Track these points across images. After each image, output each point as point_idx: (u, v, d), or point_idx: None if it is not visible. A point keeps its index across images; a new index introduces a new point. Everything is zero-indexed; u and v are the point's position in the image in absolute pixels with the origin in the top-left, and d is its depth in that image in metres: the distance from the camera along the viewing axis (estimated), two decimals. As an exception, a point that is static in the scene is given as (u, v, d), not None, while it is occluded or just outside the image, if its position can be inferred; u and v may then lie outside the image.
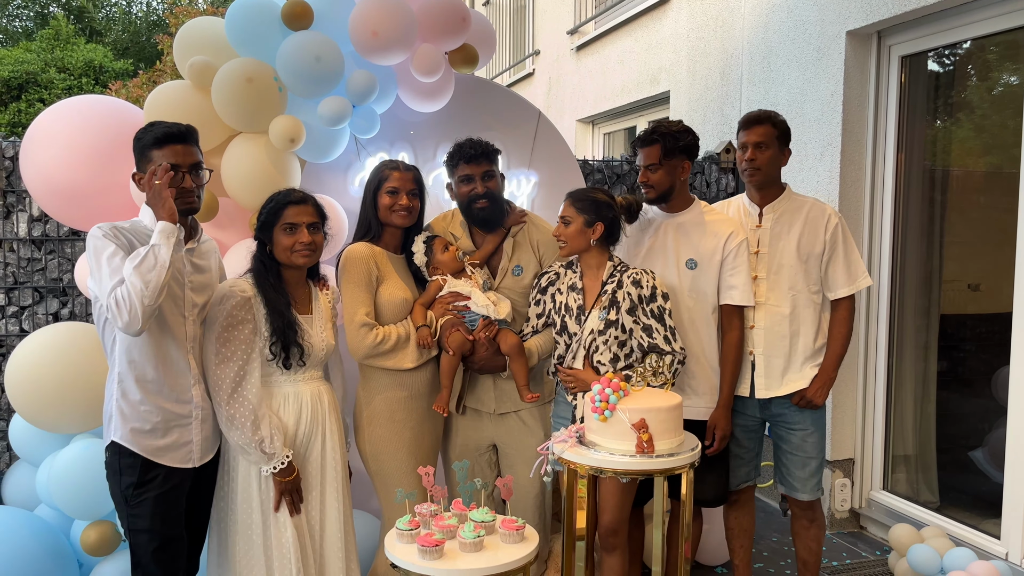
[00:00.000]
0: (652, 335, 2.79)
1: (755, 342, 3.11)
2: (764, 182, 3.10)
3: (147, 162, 2.46)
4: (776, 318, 3.09)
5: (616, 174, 5.22)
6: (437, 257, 2.95)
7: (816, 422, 3.14)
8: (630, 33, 7.03)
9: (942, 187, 4.32)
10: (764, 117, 3.07)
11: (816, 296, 3.11)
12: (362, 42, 3.15)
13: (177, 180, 2.45)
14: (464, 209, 3.02)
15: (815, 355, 3.11)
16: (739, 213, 3.21)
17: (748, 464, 3.25)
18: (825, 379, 3.08)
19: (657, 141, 2.98)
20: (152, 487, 2.47)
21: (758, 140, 3.05)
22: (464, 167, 2.95)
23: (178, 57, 3.29)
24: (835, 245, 3.07)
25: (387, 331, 2.85)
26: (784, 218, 3.11)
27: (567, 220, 2.84)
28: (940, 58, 4.26)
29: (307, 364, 2.67)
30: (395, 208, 2.89)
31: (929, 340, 4.35)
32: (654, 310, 2.81)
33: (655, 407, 2.44)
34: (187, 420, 2.53)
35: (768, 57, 4.97)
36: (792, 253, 3.07)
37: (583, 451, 2.47)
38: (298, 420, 2.66)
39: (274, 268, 2.66)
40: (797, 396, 3.09)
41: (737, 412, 3.19)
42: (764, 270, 3.10)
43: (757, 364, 3.11)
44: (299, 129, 3.10)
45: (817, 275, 3.09)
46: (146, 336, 2.45)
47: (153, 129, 2.47)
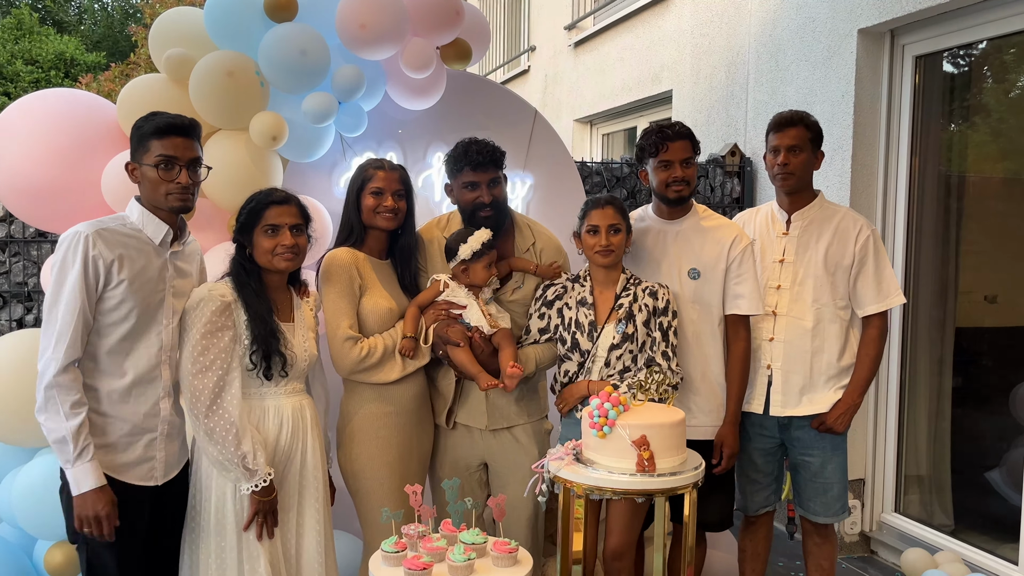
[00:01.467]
0: (653, 348, 2.79)
1: (774, 355, 3.11)
2: (797, 187, 3.10)
3: (144, 151, 2.46)
4: (798, 331, 3.08)
5: (616, 177, 5.22)
6: (475, 267, 2.88)
7: (837, 447, 3.12)
8: (631, 29, 7.05)
9: (958, 193, 4.34)
10: (797, 118, 3.07)
11: (844, 312, 3.09)
12: (349, 35, 3.15)
13: (173, 174, 2.46)
14: (467, 216, 3.00)
15: (839, 375, 3.10)
16: (767, 220, 3.21)
17: (767, 488, 3.24)
18: (848, 404, 3.06)
19: (689, 135, 2.99)
20: None
21: (792, 143, 3.04)
22: (469, 173, 2.93)
23: (154, 49, 3.28)
24: (865, 258, 3.06)
25: (373, 343, 2.83)
26: (813, 227, 3.11)
27: (617, 227, 2.83)
28: (956, 58, 4.28)
29: (289, 375, 2.65)
30: (379, 210, 2.87)
31: (944, 355, 4.36)
32: (663, 323, 2.81)
33: (657, 423, 2.43)
34: (153, 435, 2.51)
35: (776, 55, 4.99)
36: (819, 264, 3.07)
37: (580, 469, 2.46)
38: (278, 435, 2.64)
39: (254, 272, 2.64)
40: (817, 420, 3.08)
41: (755, 434, 3.19)
42: (788, 280, 3.10)
43: (774, 379, 3.11)
44: (282, 126, 3.09)
45: (845, 289, 3.08)
46: (117, 344, 2.44)
47: (155, 118, 2.48)
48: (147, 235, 2.50)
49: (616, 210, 2.85)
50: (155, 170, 2.45)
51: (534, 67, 9.54)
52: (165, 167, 2.45)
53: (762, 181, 5.19)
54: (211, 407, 2.51)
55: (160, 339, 2.50)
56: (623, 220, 2.86)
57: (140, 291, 2.45)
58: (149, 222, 2.50)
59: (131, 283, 2.42)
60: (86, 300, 2.36)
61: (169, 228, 2.52)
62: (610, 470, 2.43)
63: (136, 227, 2.49)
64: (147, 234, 2.50)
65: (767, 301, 3.14)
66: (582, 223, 2.88)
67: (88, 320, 2.38)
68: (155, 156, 2.45)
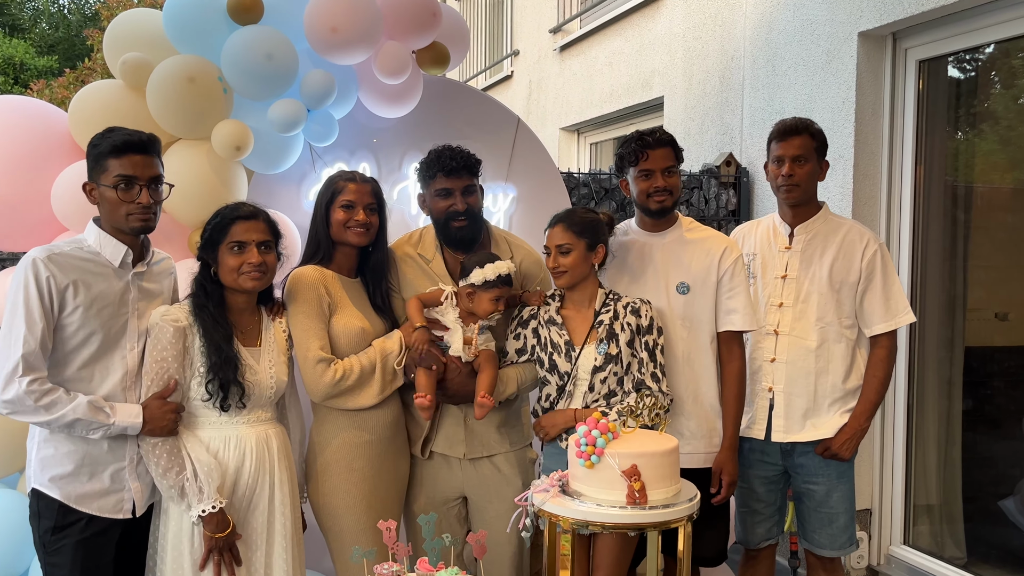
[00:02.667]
0: (641, 370, 2.79)
1: (775, 377, 3.11)
2: (802, 199, 3.12)
3: (102, 172, 2.49)
4: (800, 352, 3.09)
5: (604, 188, 5.24)
6: (481, 296, 2.82)
7: (843, 474, 3.12)
8: (619, 32, 7.09)
9: (965, 205, 4.38)
10: (801, 126, 3.09)
11: (850, 331, 3.10)
12: (319, 38, 3.15)
13: (133, 194, 2.48)
14: (440, 227, 3.00)
15: (845, 398, 3.10)
16: (768, 233, 3.23)
17: (769, 520, 3.24)
18: (855, 429, 3.06)
19: (670, 142, 3.00)
20: (71, 532, 2.47)
21: (796, 153, 3.06)
22: (442, 180, 2.93)
23: (109, 54, 3.27)
24: (872, 274, 3.07)
25: (348, 365, 2.80)
26: (817, 240, 3.12)
27: (566, 248, 2.82)
28: (961, 63, 4.33)
29: (250, 405, 2.64)
30: (350, 225, 2.85)
31: (953, 376, 4.38)
32: (648, 343, 2.81)
33: (648, 451, 2.42)
34: (120, 464, 2.54)
35: (773, 60, 5.03)
36: (823, 280, 3.08)
37: (567, 502, 2.45)
38: (239, 468, 2.62)
39: (217, 293, 2.64)
40: (821, 447, 3.08)
41: (756, 461, 3.18)
42: (791, 297, 3.11)
43: (776, 402, 3.11)
44: (246, 136, 3.09)
45: (851, 307, 3.09)
46: (77, 372, 2.48)
47: (112, 136, 2.50)
48: (105, 258, 2.52)
49: (566, 228, 2.83)
50: (114, 191, 2.47)
51: (517, 72, 9.57)
52: (125, 187, 2.47)
53: (759, 192, 5.22)
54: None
55: (125, 364, 2.54)
56: (576, 239, 2.82)
57: (99, 316, 2.49)
58: (107, 244, 2.53)
59: (87, 308, 2.46)
60: (44, 326, 2.40)
61: (128, 249, 2.55)
62: (599, 502, 2.41)
63: (93, 250, 2.52)
64: (105, 256, 2.53)
65: (768, 319, 3.14)
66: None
67: (47, 344, 2.42)
68: (113, 176, 2.47)
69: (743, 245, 3.27)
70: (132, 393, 2.56)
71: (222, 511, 2.54)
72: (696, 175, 5.35)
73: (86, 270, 2.48)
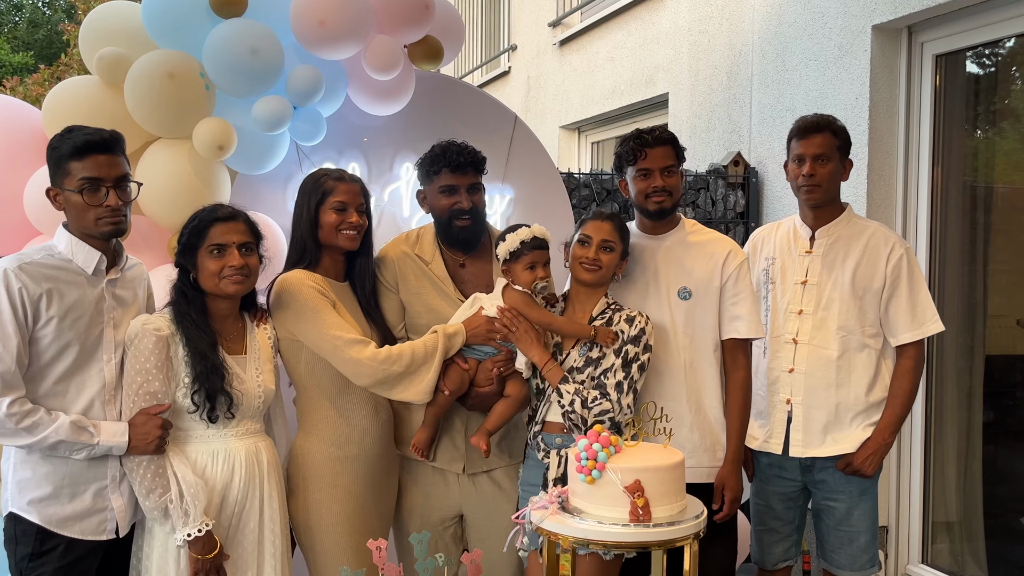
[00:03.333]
0: (605, 375, 2.77)
1: (794, 389, 3.10)
2: (824, 200, 3.11)
3: (64, 175, 2.47)
4: (821, 362, 3.07)
5: (606, 190, 5.23)
6: (515, 268, 2.84)
7: (865, 491, 3.11)
8: (622, 26, 7.10)
9: (985, 206, 4.37)
10: (824, 123, 3.08)
11: (874, 340, 3.09)
12: (307, 32, 3.15)
13: (99, 197, 2.46)
14: (442, 226, 2.99)
15: (868, 411, 3.08)
16: (788, 236, 3.21)
17: (787, 539, 3.22)
18: (879, 444, 3.05)
19: (671, 141, 2.99)
20: (51, 559, 2.46)
21: (818, 152, 3.05)
22: (448, 175, 2.92)
23: (85, 48, 3.28)
24: (897, 280, 3.05)
25: (400, 349, 2.73)
26: (839, 244, 3.11)
27: (611, 246, 2.82)
28: (980, 57, 4.33)
29: (238, 415, 2.64)
30: (343, 227, 2.83)
31: (973, 386, 4.37)
32: (628, 352, 2.78)
33: (652, 466, 2.41)
34: (102, 482, 2.53)
35: (782, 55, 5.03)
36: (845, 286, 3.07)
37: (567, 519, 2.43)
38: (229, 483, 2.61)
39: (198, 299, 2.64)
40: (843, 462, 3.07)
41: (773, 476, 3.17)
42: (811, 304, 3.10)
43: (794, 415, 3.10)
44: (229, 134, 3.08)
45: (875, 315, 3.08)
46: (53, 387, 2.47)
47: (71, 136, 2.48)
48: (78, 265, 2.51)
49: (615, 227, 2.85)
50: (79, 195, 2.46)
51: (515, 68, 9.58)
52: (90, 190, 2.46)
53: (769, 194, 5.21)
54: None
55: (102, 377, 2.53)
56: (620, 241, 2.85)
57: (74, 327, 2.48)
58: (79, 250, 2.51)
59: (62, 319, 2.45)
60: (19, 341, 2.39)
61: (102, 255, 2.53)
62: (600, 520, 2.40)
63: (65, 257, 2.51)
64: (78, 264, 2.52)
65: (787, 327, 3.13)
66: (576, 232, 2.88)
67: (23, 359, 2.41)
68: (77, 180, 2.45)
69: (762, 248, 3.26)
70: (111, 408, 2.54)
71: (209, 533, 2.53)
72: (702, 175, 5.34)
73: (58, 279, 2.46)
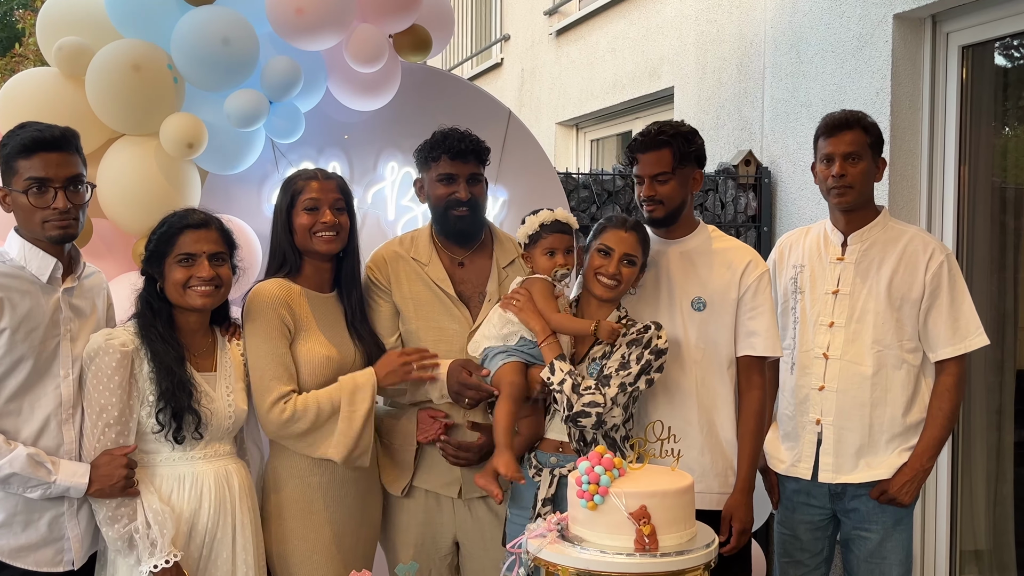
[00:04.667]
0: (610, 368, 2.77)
1: (824, 408, 3.10)
2: (857, 203, 3.11)
3: (13, 174, 2.48)
4: (854, 379, 3.07)
5: (607, 191, 5.25)
6: (533, 253, 2.87)
7: (900, 521, 3.10)
8: (624, 14, 7.13)
9: (1016, 208, 4.40)
10: (853, 120, 3.08)
11: (912, 355, 3.08)
12: (283, 21, 3.16)
13: (47, 199, 2.46)
14: (439, 216, 3.01)
15: (906, 434, 3.07)
16: (818, 242, 3.21)
17: (815, 572, 3.23)
18: (916, 470, 3.04)
19: (667, 144, 2.96)
20: None
21: (848, 150, 3.05)
22: (446, 163, 2.94)
23: (43, 38, 3.28)
24: (937, 290, 3.04)
25: (303, 404, 2.76)
26: (874, 251, 3.11)
27: (633, 260, 2.83)
28: (1009, 49, 4.36)
29: (207, 436, 2.64)
30: (316, 229, 2.83)
31: (1004, 403, 4.39)
32: (642, 357, 2.78)
33: (660, 491, 2.42)
34: (58, 510, 2.53)
35: (797, 45, 5.06)
36: (881, 297, 3.06)
37: (566, 548, 2.44)
38: (197, 510, 2.62)
39: (164, 311, 2.65)
40: (877, 489, 3.06)
41: (800, 504, 3.18)
42: (843, 316, 3.10)
43: (825, 437, 3.10)
44: (199, 131, 3.09)
45: (914, 328, 3.07)
46: (3, 405, 2.46)
47: (20, 134, 2.49)
48: (31, 272, 2.51)
49: (639, 240, 2.85)
50: (25, 196, 2.46)
51: (508, 60, 9.61)
52: (37, 191, 2.46)
53: (783, 195, 5.23)
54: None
55: (58, 394, 2.53)
56: (642, 254, 2.86)
57: (28, 340, 2.47)
58: (32, 257, 2.52)
59: (15, 331, 2.45)
60: None
61: (57, 262, 2.53)
62: (603, 549, 2.40)
63: (17, 264, 2.51)
64: (31, 271, 2.52)
65: (816, 341, 3.13)
66: (594, 239, 2.88)
67: None
68: (24, 180, 2.46)
69: (789, 255, 3.27)
70: (69, 427, 2.54)
71: (177, 564, 2.53)
72: (711, 176, 5.35)
73: (10, 287, 2.46)
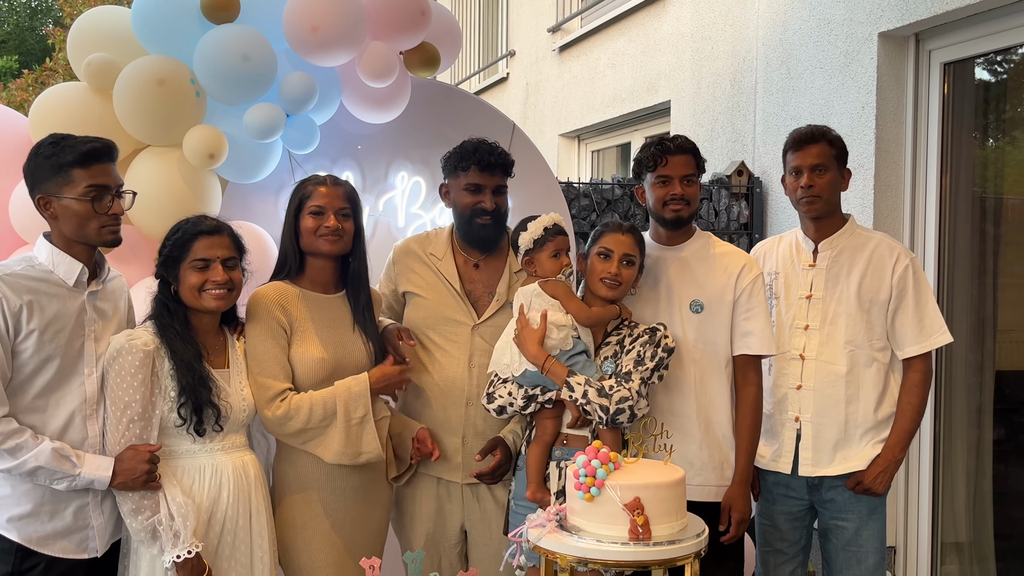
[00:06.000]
0: (625, 364, 2.78)
1: (803, 406, 3.11)
2: (824, 212, 3.13)
3: (66, 183, 2.48)
4: (829, 378, 3.09)
5: (606, 199, 5.25)
6: (539, 257, 2.87)
7: (875, 510, 3.12)
8: (623, 32, 7.13)
9: (995, 217, 4.39)
10: (818, 134, 3.11)
11: (882, 354, 3.10)
12: (299, 38, 3.17)
13: (105, 205, 2.50)
14: (463, 222, 3.03)
15: (878, 427, 3.10)
16: (791, 250, 3.24)
17: (793, 560, 3.23)
18: (889, 461, 3.06)
19: (692, 149, 3.02)
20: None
21: (815, 162, 3.07)
22: (475, 174, 2.97)
23: (73, 54, 3.29)
24: (904, 292, 3.07)
25: (297, 403, 2.73)
26: (844, 256, 3.13)
27: (632, 260, 2.86)
28: (990, 65, 4.36)
29: (225, 428, 2.65)
30: (320, 232, 2.82)
31: (983, 402, 4.38)
32: (655, 356, 2.78)
33: (653, 483, 2.42)
34: (83, 500, 2.54)
35: (787, 62, 5.06)
36: (851, 300, 3.09)
37: (564, 538, 2.44)
38: (216, 500, 2.62)
39: (180, 312, 2.66)
40: (852, 480, 3.08)
41: (780, 496, 3.18)
42: (817, 319, 3.12)
43: (803, 433, 3.11)
44: (220, 142, 3.10)
45: (883, 328, 3.10)
46: (32, 402, 2.47)
47: (73, 145, 2.50)
48: (59, 276, 2.53)
49: (636, 241, 2.88)
50: (85, 203, 2.48)
51: (513, 75, 9.62)
52: (98, 198, 2.49)
53: (773, 204, 5.23)
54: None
55: (83, 391, 2.54)
56: (640, 255, 2.89)
57: (55, 340, 2.49)
58: (60, 261, 2.53)
59: (43, 332, 2.46)
60: (2, 353, 2.40)
61: (83, 267, 2.55)
62: (599, 538, 2.40)
63: (46, 268, 2.52)
64: (59, 275, 2.53)
65: (793, 343, 3.15)
66: (593, 244, 2.90)
67: (6, 373, 2.42)
68: (84, 187, 2.47)
69: (764, 263, 3.28)
70: (93, 422, 2.55)
71: (198, 555, 2.54)
72: (705, 185, 5.35)
73: (39, 291, 2.48)
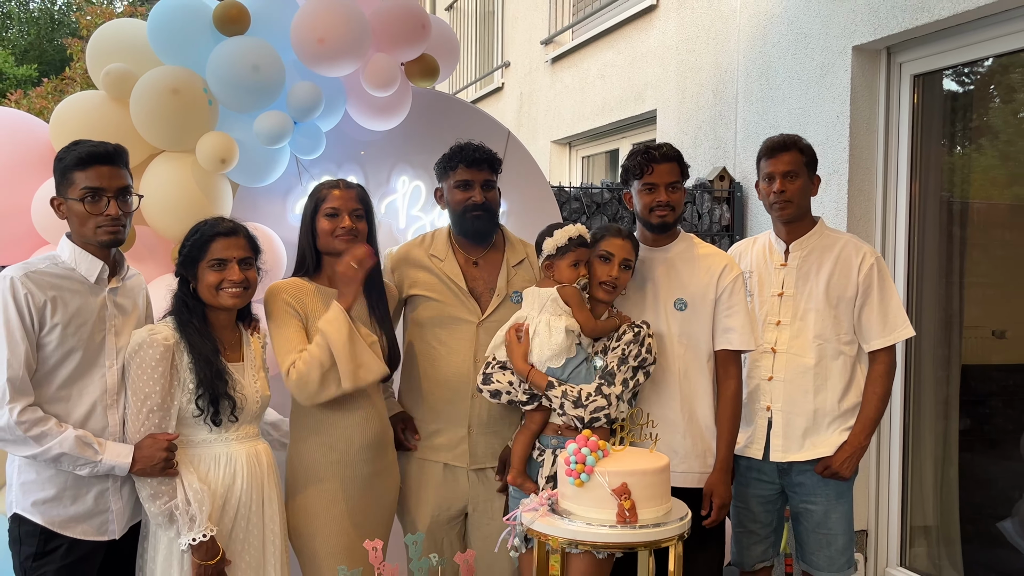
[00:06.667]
0: (610, 365, 2.82)
1: (773, 396, 3.16)
2: (796, 215, 3.19)
3: (69, 185, 2.52)
4: (798, 370, 3.14)
5: (596, 203, 5.29)
6: (559, 264, 2.87)
7: (842, 494, 3.16)
8: (612, 44, 7.16)
9: (961, 221, 4.43)
10: (790, 142, 3.17)
11: (848, 347, 3.16)
12: (307, 50, 3.19)
13: (100, 206, 2.51)
14: (457, 218, 3.07)
15: (844, 416, 3.15)
16: (764, 251, 3.29)
17: (764, 541, 3.27)
18: (854, 447, 3.11)
19: (677, 157, 3.06)
20: (53, 559, 2.50)
21: (786, 169, 3.13)
22: (463, 171, 3.01)
23: (92, 64, 3.30)
24: (869, 289, 3.13)
25: (303, 358, 2.71)
26: (813, 256, 3.19)
27: (630, 264, 2.90)
28: (958, 77, 4.40)
29: (240, 419, 2.68)
30: (336, 233, 2.86)
31: (950, 395, 4.42)
32: (637, 353, 2.83)
33: (638, 469, 2.46)
34: (103, 485, 2.57)
35: (767, 73, 5.10)
36: (820, 296, 3.14)
37: (556, 521, 2.47)
38: (231, 487, 2.65)
39: (199, 309, 2.68)
40: (821, 465, 3.13)
41: (753, 480, 3.23)
42: (788, 315, 3.17)
43: (774, 422, 3.16)
44: (231, 148, 3.12)
45: (849, 323, 3.15)
46: (56, 392, 2.50)
47: (76, 149, 2.54)
48: (81, 273, 2.56)
49: (634, 246, 2.93)
50: (81, 204, 2.51)
51: (508, 85, 9.63)
52: (92, 200, 2.51)
53: (753, 207, 5.28)
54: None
55: (104, 382, 2.57)
56: (635, 259, 2.94)
57: (77, 334, 2.52)
58: (82, 259, 2.56)
59: (66, 326, 2.49)
60: (27, 347, 2.43)
61: (104, 264, 2.58)
62: (588, 521, 2.44)
63: (68, 266, 2.55)
64: (81, 272, 2.56)
65: (766, 338, 3.19)
66: (594, 246, 2.92)
67: (31, 364, 2.45)
68: (80, 189, 2.51)
69: (740, 263, 3.32)
70: (113, 412, 2.58)
71: (212, 539, 2.56)
72: (689, 190, 5.39)
73: (62, 287, 2.51)
